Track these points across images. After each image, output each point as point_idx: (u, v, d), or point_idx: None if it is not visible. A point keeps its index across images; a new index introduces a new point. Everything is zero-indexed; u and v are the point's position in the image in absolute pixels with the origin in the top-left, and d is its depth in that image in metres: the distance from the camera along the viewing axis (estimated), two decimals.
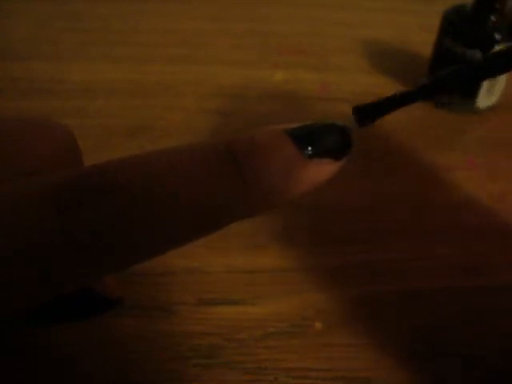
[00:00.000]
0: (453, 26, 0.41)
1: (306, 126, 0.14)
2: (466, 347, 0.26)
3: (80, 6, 0.55)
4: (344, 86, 0.45)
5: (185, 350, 0.25)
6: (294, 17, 0.57)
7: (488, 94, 0.42)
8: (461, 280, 0.29)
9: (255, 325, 0.26)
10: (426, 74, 0.44)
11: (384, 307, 0.28)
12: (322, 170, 0.13)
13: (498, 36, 0.39)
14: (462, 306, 0.28)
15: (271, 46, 0.51)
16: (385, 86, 0.46)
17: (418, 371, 0.25)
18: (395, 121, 0.41)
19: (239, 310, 0.27)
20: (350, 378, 0.24)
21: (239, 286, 0.28)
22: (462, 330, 0.27)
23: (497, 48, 0.39)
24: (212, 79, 0.45)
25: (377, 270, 0.29)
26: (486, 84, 0.41)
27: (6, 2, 0.55)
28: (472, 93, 0.41)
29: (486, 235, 0.32)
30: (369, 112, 0.15)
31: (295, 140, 0.13)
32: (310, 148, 0.13)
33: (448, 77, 0.14)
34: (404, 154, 0.38)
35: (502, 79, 0.42)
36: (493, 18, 0.39)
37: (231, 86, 0.44)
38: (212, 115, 0.41)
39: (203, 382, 0.24)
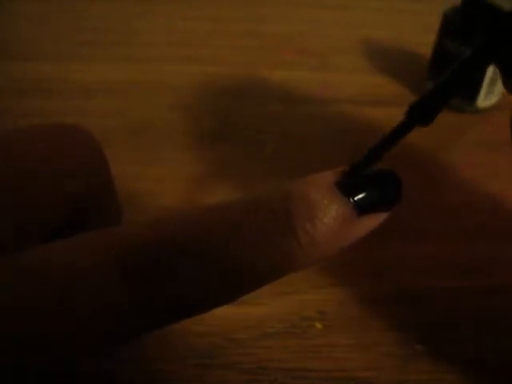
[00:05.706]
0: (453, 26, 0.41)
1: (359, 175, 0.13)
2: (466, 347, 0.26)
3: (80, 5, 0.55)
4: (344, 86, 0.45)
5: (184, 350, 0.25)
6: (294, 17, 0.57)
7: (488, 94, 0.42)
8: (460, 280, 0.29)
9: (255, 325, 0.26)
10: (428, 76, 0.44)
11: (384, 307, 0.28)
12: (371, 223, 0.13)
13: None
14: (461, 306, 0.28)
15: (271, 46, 0.51)
16: (385, 86, 0.46)
17: (419, 371, 0.25)
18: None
19: (239, 310, 0.27)
20: (349, 378, 0.24)
21: None
22: (462, 330, 0.27)
23: None
24: (212, 79, 0.45)
25: (377, 270, 0.29)
26: (486, 84, 0.41)
27: (6, 1, 0.55)
28: (472, 93, 0.41)
29: (486, 235, 0.32)
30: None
31: (347, 193, 0.13)
32: (361, 202, 0.13)
33: (454, 72, 0.14)
34: (403, 154, 0.38)
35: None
36: None
37: (231, 86, 0.44)
38: (212, 115, 0.41)
39: (203, 382, 0.24)
